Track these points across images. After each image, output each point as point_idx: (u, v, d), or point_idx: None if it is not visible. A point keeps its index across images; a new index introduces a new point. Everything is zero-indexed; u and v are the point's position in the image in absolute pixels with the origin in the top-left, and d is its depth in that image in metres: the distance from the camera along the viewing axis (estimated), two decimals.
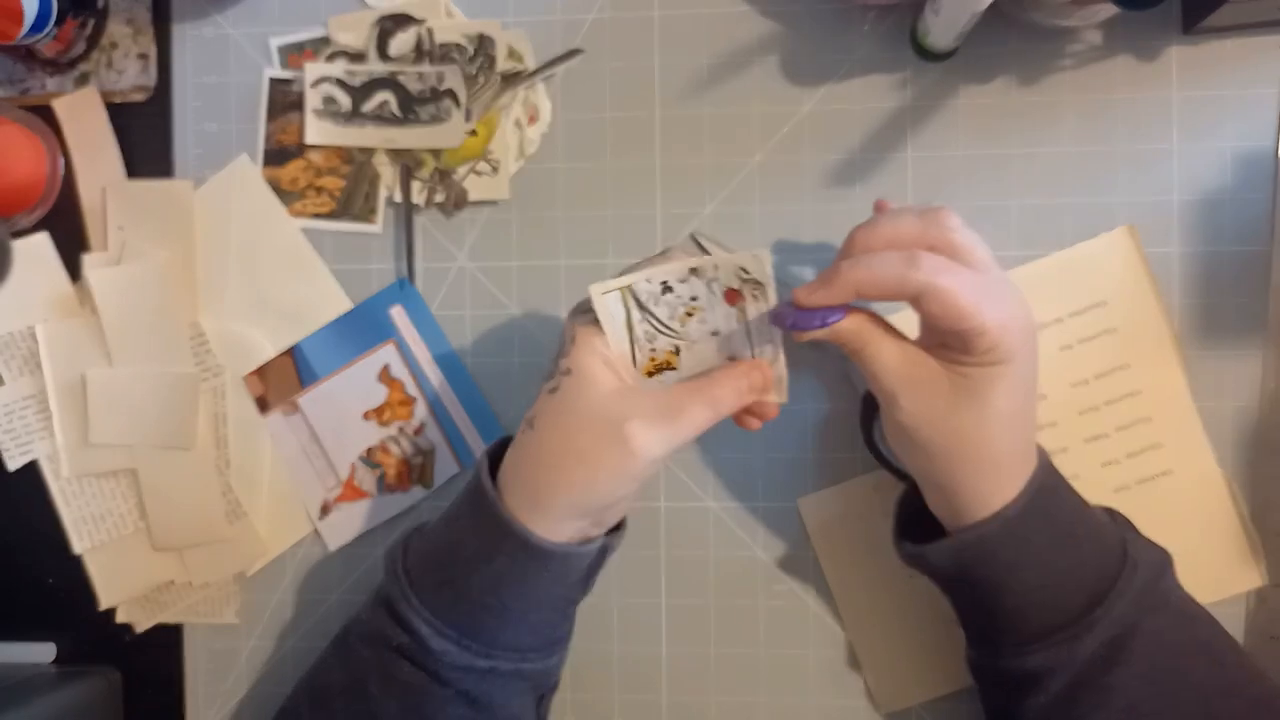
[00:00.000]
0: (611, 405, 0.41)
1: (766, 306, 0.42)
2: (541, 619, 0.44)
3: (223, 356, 0.56)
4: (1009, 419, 0.40)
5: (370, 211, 0.56)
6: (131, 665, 0.58)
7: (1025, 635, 0.41)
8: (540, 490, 0.41)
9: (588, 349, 0.42)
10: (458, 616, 0.43)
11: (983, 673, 0.45)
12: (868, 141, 0.53)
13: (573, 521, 0.42)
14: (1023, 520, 0.40)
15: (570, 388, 0.41)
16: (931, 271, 0.37)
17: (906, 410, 0.40)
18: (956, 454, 0.40)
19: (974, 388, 0.39)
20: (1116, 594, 0.40)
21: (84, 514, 0.57)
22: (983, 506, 0.40)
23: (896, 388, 0.40)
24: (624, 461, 0.40)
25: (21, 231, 0.56)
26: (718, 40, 0.53)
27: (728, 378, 0.42)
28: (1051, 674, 0.41)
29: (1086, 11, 0.47)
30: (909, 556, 0.45)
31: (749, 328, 0.43)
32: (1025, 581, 0.41)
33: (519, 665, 0.44)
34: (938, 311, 0.38)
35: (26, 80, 0.58)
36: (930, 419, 0.40)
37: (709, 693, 0.54)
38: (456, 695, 0.43)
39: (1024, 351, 0.39)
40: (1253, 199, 0.51)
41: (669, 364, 0.44)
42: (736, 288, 0.42)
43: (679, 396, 0.41)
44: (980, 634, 0.44)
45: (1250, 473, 0.51)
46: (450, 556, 0.43)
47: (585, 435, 0.41)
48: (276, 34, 0.56)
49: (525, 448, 0.42)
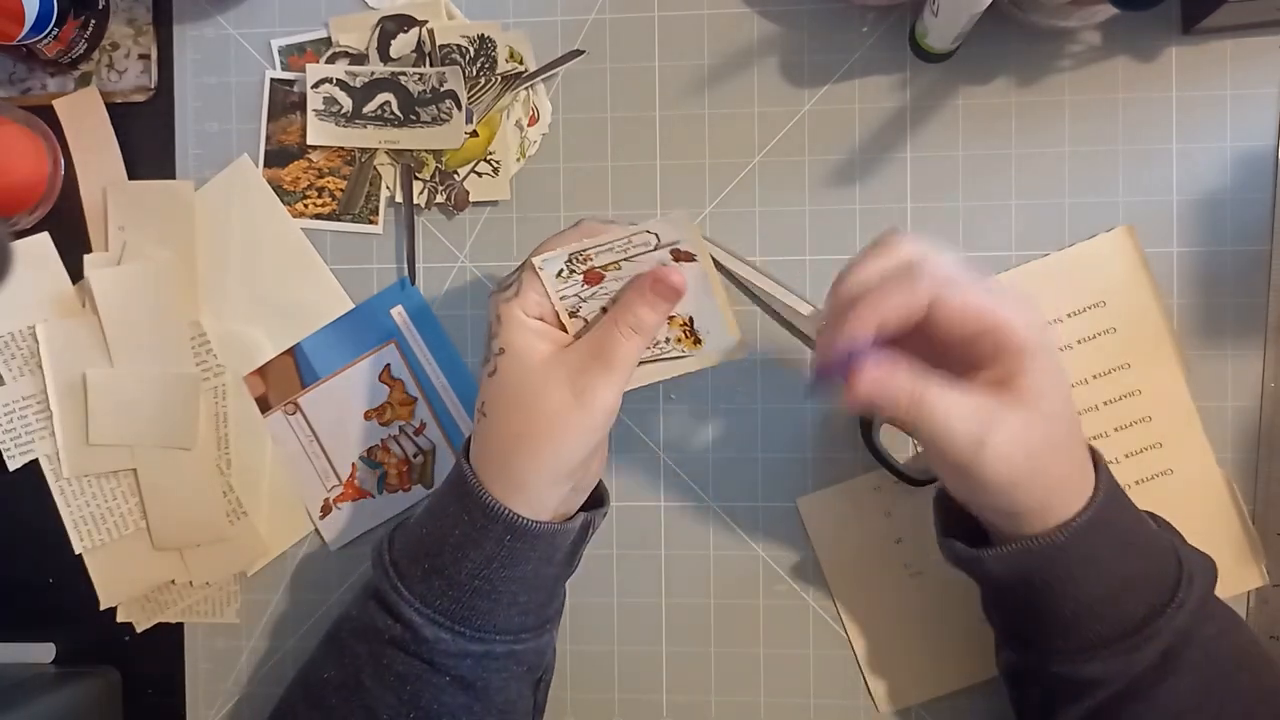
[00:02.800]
0: (548, 368, 0.42)
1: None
2: (531, 599, 0.44)
3: (223, 356, 0.56)
4: (1064, 413, 0.39)
5: (371, 212, 0.56)
6: (131, 665, 0.58)
7: (1082, 643, 0.40)
8: (511, 469, 0.42)
9: (514, 324, 0.42)
10: (449, 603, 0.43)
11: (1021, 675, 0.44)
12: (867, 141, 0.53)
13: (552, 490, 0.42)
14: (1091, 530, 0.39)
15: (508, 366, 0.42)
16: (935, 275, 0.37)
17: (995, 454, 0.37)
18: (1036, 476, 0.38)
19: (1020, 395, 0.37)
20: (1177, 605, 0.39)
21: (84, 514, 0.57)
22: (1051, 518, 0.39)
23: (977, 433, 0.37)
24: (580, 417, 0.41)
25: (22, 231, 0.56)
26: (718, 40, 0.54)
27: (635, 295, 0.42)
28: (1104, 683, 0.40)
29: (1086, 12, 0.47)
30: (960, 559, 0.43)
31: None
32: (1089, 591, 0.40)
33: (512, 647, 0.44)
34: (956, 315, 0.37)
35: (27, 80, 0.58)
36: (1009, 451, 0.37)
37: (709, 693, 0.54)
38: (452, 682, 0.43)
39: (1045, 339, 0.38)
40: (1253, 199, 0.51)
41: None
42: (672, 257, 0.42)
43: (603, 333, 0.42)
44: (1025, 638, 0.43)
45: (1250, 473, 0.51)
46: (437, 545, 0.43)
47: (535, 406, 0.41)
48: (278, 35, 0.56)
49: (485, 435, 0.43)
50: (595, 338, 0.42)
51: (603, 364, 0.41)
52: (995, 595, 0.45)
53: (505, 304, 0.43)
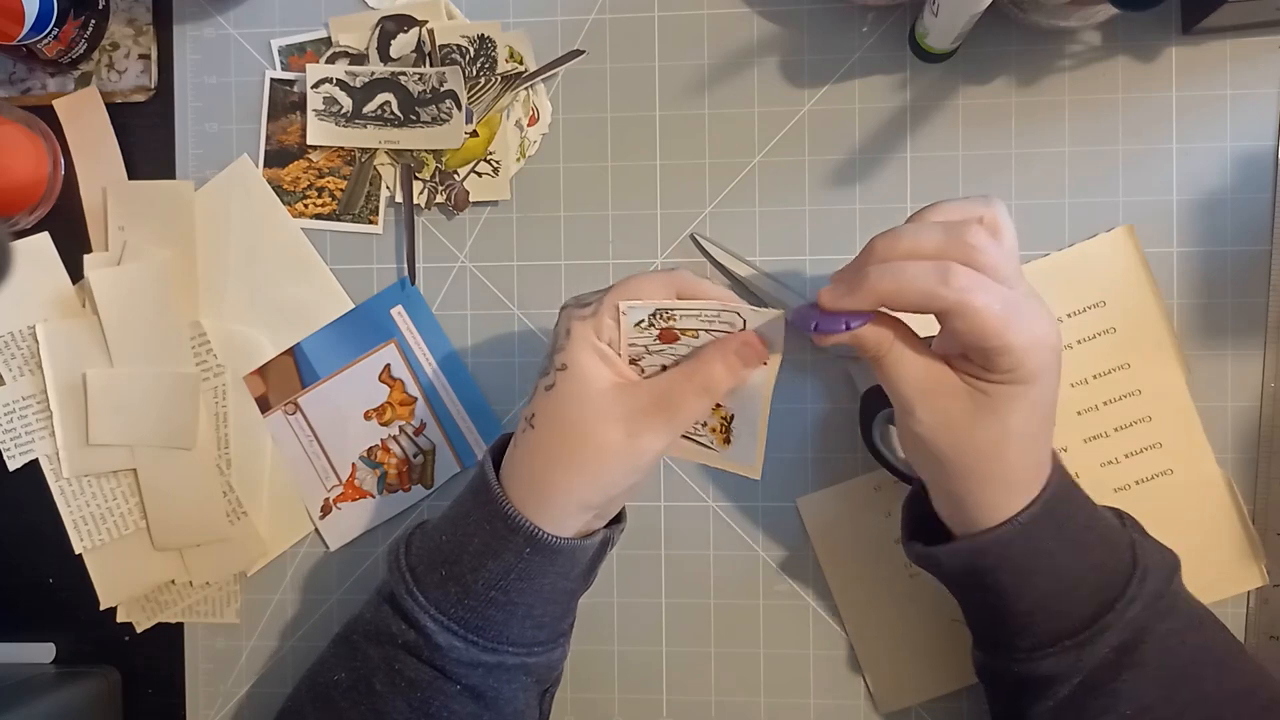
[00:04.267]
0: (609, 401, 0.41)
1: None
2: (546, 612, 0.44)
3: (223, 356, 0.56)
4: (1027, 439, 0.39)
5: (371, 212, 0.56)
6: (131, 665, 0.58)
7: (1035, 640, 0.41)
8: (545, 488, 0.41)
9: (582, 343, 0.41)
10: (464, 611, 0.43)
11: (990, 675, 0.45)
12: (867, 141, 0.53)
13: (578, 516, 0.42)
14: (1036, 527, 0.40)
15: (566, 384, 0.41)
16: (963, 290, 0.36)
17: (923, 422, 0.40)
18: (972, 468, 0.40)
19: (993, 405, 0.38)
20: (1126, 600, 0.40)
21: (84, 514, 0.57)
22: (996, 515, 0.40)
23: (914, 398, 0.40)
24: (625, 457, 0.40)
25: (22, 231, 0.56)
26: (718, 40, 0.54)
27: (716, 353, 0.41)
28: (1061, 679, 0.40)
29: (1086, 12, 0.47)
30: (919, 558, 0.44)
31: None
32: (1037, 588, 0.40)
33: (525, 659, 0.44)
34: (963, 328, 0.37)
35: (27, 80, 0.58)
36: (946, 432, 0.39)
37: (709, 693, 0.54)
38: (463, 690, 0.43)
39: (1047, 373, 0.38)
40: (1253, 199, 0.51)
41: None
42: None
43: (672, 383, 0.41)
44: (989, 637, 0.44)
45: (1250, 473, 0.51)
46: (456, 553, 0.43)
47: (585, 432, 0.40)
48: (278, 35, 0.56)
49: (526, 446, 0.42)
50: (663, 385, 0.41)
51: (665, 413, 0.40)
52: (959, 595, 0.45)
53: (580, 321, 0.41)
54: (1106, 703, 0.40)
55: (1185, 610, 0.42)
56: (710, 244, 0.53)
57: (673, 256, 0.54)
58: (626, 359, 0.43)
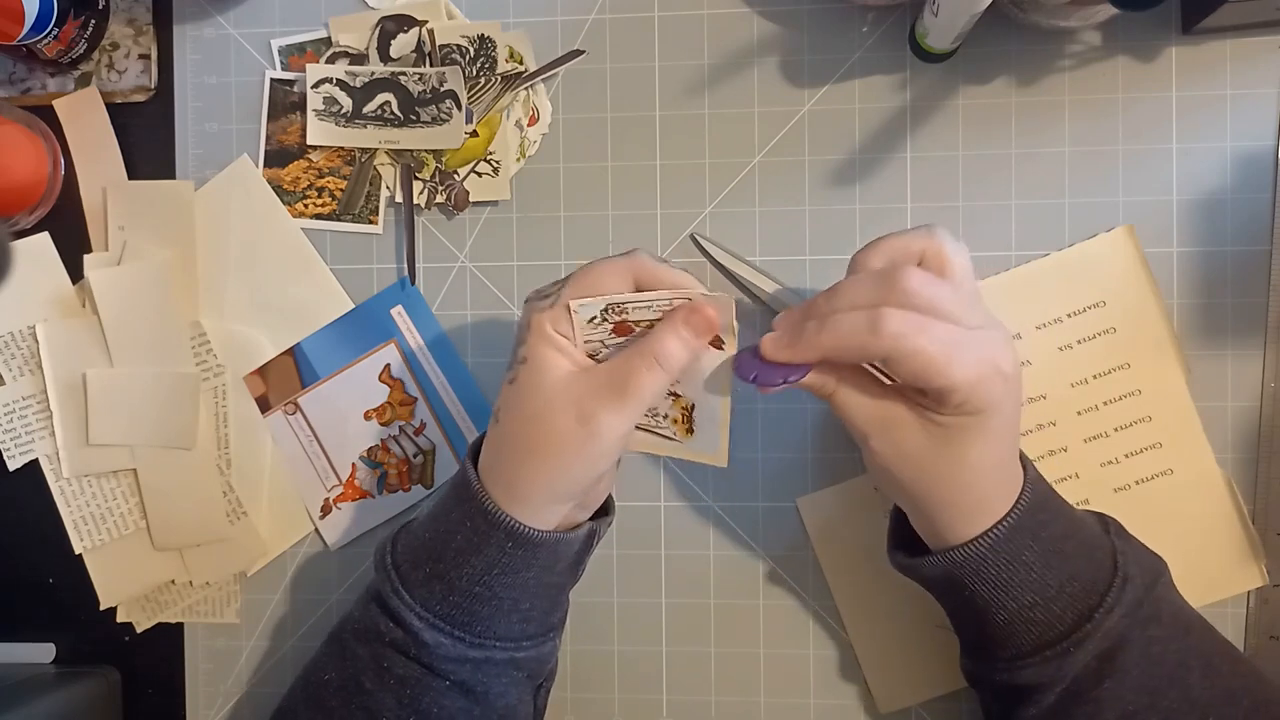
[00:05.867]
0: (566, 390, 0.41)
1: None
2: (533, 607, 0.44)
3: (223, 356, 0.56)
4: (987, 466, 0.39)
5: (371, 212, 0.56)
6: (131, 665, 0.58)
7: (1017, 650, 0.41)
8: (515, 481, 0.41)
9: (540, 335, 0.41)
10: (449, 608, 0.43)
11: (977, 682, 0.45)
12: (867, 141, 0.53)
13: (554, 507, 0.42)
14: (1008, 542, 0.40)
15: (526, 376, 0.41)
16: (895, 336, 0.36)
17: (879, 454, 0.40)
18: (933, 495, 0.40)
19: (949, 437, 0.39)
20: (1105, 609, 0.40)
21: (84, 514, 0.57)
22: (966, 532, 0.40)
23: (868, 433, 0.40)
24: (585, 440, 0.40)
25: (22, 231, 0.56)
26: (718, 40, 0.54)
27: (666, 325, 0.41)
28: (1045, 687, 0.41)
29: (1086, 12, 0.47)
30: (902, 567, 0.45)
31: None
32: (1016, 599, 0.40)
33: (513, 654, 0.44)
34: (905, 373, 0.37)
35: (27, 80, 0.58)
36: (904, 463, 0.40)
37: (709, 693, 0.54)
38: (452, 686, 0.43)
39: (1003, 401, 0.38)
40: (1253, 199, 0.51)
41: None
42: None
43: (626, 363, 0.41)
44: (974, 645, 0.45)
45: (1250, 473, 0.51)
46: (439, 550, 0.43)
47: (545, 423, 0.41)
48: (278, 35, 0.56)
49: (494, 441, 0.43)
50: (615, 364, 0.41)
51: (616, 392, 0.40)
52: (943, 604, 0.45)
53: (538, 314, 0.42)
54: (1091, 710, 0.40)
55: (1170, 616, 0.42)
56: (710, 244, 0.53)
57: (673, 256, 0.54)
58: (583, 354, 0.43)
